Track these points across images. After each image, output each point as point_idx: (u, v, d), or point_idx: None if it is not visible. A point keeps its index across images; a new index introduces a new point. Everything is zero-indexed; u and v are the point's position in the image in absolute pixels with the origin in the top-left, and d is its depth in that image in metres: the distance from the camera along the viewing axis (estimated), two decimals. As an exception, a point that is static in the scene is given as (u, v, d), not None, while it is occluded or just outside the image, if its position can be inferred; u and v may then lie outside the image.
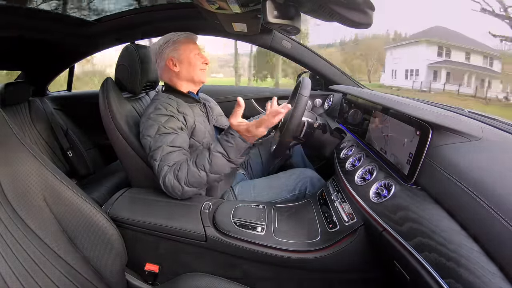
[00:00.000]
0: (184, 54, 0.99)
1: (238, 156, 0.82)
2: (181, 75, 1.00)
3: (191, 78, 1.01)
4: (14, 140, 0.66)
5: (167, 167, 0.83)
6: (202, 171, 0.81)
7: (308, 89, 0.95)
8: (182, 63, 0.99)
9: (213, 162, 0.81)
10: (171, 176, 0.82)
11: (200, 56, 1.02)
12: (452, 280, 0.41)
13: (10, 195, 0.61)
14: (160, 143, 0.87)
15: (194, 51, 1.00)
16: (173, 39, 1.00)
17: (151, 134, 0.89)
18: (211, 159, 0.81)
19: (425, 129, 0.61)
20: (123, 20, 1.36)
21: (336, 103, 1.38)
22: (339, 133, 1.16)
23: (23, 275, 0.57)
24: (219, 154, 0.81)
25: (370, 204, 0.67)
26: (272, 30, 1.38)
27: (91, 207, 0.70)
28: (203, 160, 0.81)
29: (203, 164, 0.81)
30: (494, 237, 0.40)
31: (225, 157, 0.81)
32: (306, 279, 0.76)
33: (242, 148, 0.82)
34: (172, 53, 0.99)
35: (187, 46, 1.00)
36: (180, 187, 0.82)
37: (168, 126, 0.89)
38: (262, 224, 0.81)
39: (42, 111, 1.67)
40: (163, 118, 0.90)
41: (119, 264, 0.74)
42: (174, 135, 0.89)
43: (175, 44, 0.99)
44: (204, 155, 0.82)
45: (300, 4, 0.69)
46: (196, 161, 0.82)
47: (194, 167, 0.81)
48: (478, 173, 0.49)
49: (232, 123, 0.83)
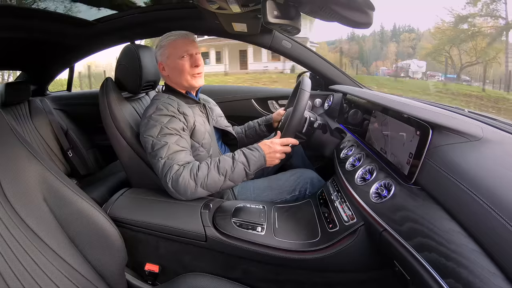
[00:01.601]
0: (170, 59, 0.96)
1: (254, 171, 0.88)
2: (171, 79, 1.00)
3: (180, 83, 0.99)
4: (14, 140, 0.66)
5: (177, 166, 0.84)
6: (222, 176, 0.84)
7: (308, 87, 0.95)
8: (169, 67, 0.97)
9: (235, 171, 0.85)
10: (187, 175, 0.82)
11: (189, 59, 0.95)
12: (452, 280, 0.41)
13: (10, 195, 0.61)
14: (164, 142, 0.86)
15: (180, 54, 0.94)
16: (161, 43, 0.97)
17: (153, 134, 0.88)
18: (235, 167, 0.85)
19: (425, 129, 0.61)
20: (123, 20, 1.36)
21: (336, 103, 1.38)
22: (339, 133, 1.16)
23: (23, 275, 0.56)
24: (242, 165, 0.85)
25: (370, 204, 0.67)
26: (272, 30, 1.38)
27: (91, 207, 0.70)
28: (226, 167, 0.84)
29: (226, 170, 0.84)
30: (494, 237, 0.40)
31: (246, 169, 0.86)
32: (306, 279, 0.76)
33: (260, 165, 0.88)
34: (160, 57, 0.97)
35: (174, 50, 0.95)
36: (194, 187, 0.83)
37: (170, 127, 0.89)
38: (262, 224, 0.81)
39: (42, 111, 1.67)
40: (165, 119, 0.90)
41: (119, 264, 0.74)
42: (178, 136, 0.89)
43: (161, 49, 0.96)
44: (227, 162, 0.85)
45: (300, 4, 0.69)
46: (219, 165, 0.85)
47: (215, 172, 0.84)
48: (478, 173, 0.49)
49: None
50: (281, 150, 0.90)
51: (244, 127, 1.32)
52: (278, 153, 0.89)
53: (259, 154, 0.87)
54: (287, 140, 0.92)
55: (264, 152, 0.88)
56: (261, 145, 0.90)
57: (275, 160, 0.89)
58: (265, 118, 1.29)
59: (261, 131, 1.28)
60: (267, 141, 0.91)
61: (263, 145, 0.89)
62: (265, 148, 0.89)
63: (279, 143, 0.90)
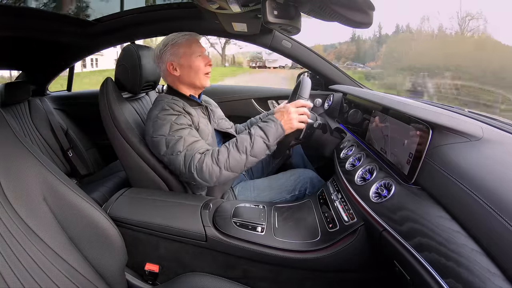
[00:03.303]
0: (184, 58, 0.95)
1: (275, 141, 0.88)
2: (182, 79, 0.98)
3: (193, 83, 0.98)
4: (14, 140, 0.66)
5: (199, 154, 0.84)
6: (243, 154, 0.85)
7: (308, 90, 0.95)
8: (182, 67, 0.96)
9: (254, 146, 0.85)
10: (209, 161, 0.83)
11: (202, 58, 0.97)
12: (452, 280, 0.41)
13: (10, 195, 0.61)
14: (178, 136, 0.86)
15: (195, 53, 0.96)
16: (172, 42, 0.96)
17: (164, 132, 0.88)
18: (253, 142, 0.85)
19: (425, 129, 0.61)
20: (123, 20, 1.36)
21: (336, 103, 1.38)
22: (339, 133, 1.16)
23: (23, 275, 0.56)
24: (260, 138, 0.86)
25: (370, 204, 0.67)
26: (272, 30, 1.38)
27: (91, 207, 0.70)
28: (245, 143, 0.85)
29: (245, 146, 0.85)
30: (494, 237, 0.40)
31: (265, 141, 0.86)
32: (306, 279, 0.76)
33: (279, 134, 0.88)
34: (172, 57, 0.96)
35: (188, 49, 0.95)
36: (218, 171, 0.83)
37: (180, 123, 0.89)
38: (262, 224, 0.81)
39: (42, 110, 1.67)
40: (173, 117, 0.90)
41: (119, 264, 0.74)
42: (189, 129, 0.89)
43: (174, 47, 0.95)
44: (245, 139, 0.86)
45: (300, 4, 0.69)
46: (238, 144, 0.85)
47: (235, 151, 0.85)
48: (478, 173, 0.49)
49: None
50: (296, 111, 0.89)
51: (246, 124, 1.32)
52: (293, 115, 0.88)
53: (275, 123, 0.87)
54: (299, 102, 0.91)
55: (279, 120, 0.88)
56: (274, 114, 0.90)
57: (293, 124, 0.89)
58: (268, 114, 1.29)
59: None
60: (280, 106, 0.90)
61: (276, 114, 0.90)
62: (278, 116, 0.89)
63: (292, 105, 0.90)
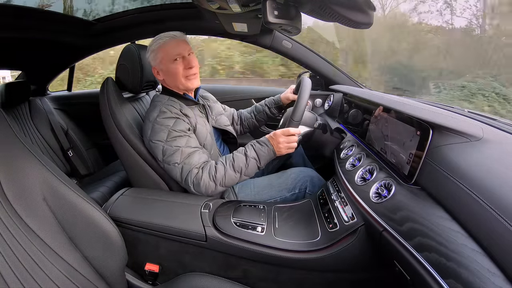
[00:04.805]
0: (163, 63, 0.94)
1: (264, 164, 0.94)
2: (167, 83, 0.99)
3: (176, 86, 0.98)
4: (15, 140, 0.66)
5: (197, 169, 0.89)
6: (238, 173, 0.91)
7: (307, 92, 0.95)
8: (163, 72, 0.96)
9: (249, 167, 0.91)
10: (206, 177, 0.88)
11: (181, 61, 0.93)
12: (452, 280, 0.41)
13: (10, 194, 0.61)
14: (176, 146, 0.88)
15: (171, 57, 0.92)
16: (151, 48, 0.95)
17: (162, 139, 0.89)
18: (248, 163, 0.91)
19: (426, 129, 0.61)
20: (123, 20, 1.36)
21: (336, 103, 1.38)
22: (339, 133, 1.16)
23: (23, 275, 0.56)
24: (254, 160, 0.92)
25: (370, 204, 0.67)
26: (272, 30, 1.38)
27: (91, 207, 0.70)
28: (241, 164, 0.91)
29: (241, 167, 0.91)
30: (494, 237, 0.40)
31: (257, 163, 0.92)
32: (306, 279, 0.76)
33: (270, 158, 0.94)
34: (153, 62, 0.97)
35: (164, 53, 0.93)
36: (214, 187, 0.90)
37: (178, 129, 0.90)
38: (262, 224, 0.81)
39: (42, 110, 1.67)
40: (171, 121, 0.90)
41: (119, 264, 0.74)
42: (186, 137, 0.91)
43: (153, 53, 0.95)
44: (241, 159, 0.91)
45: (300, 4, 0.69)
46: (234, 164, 0.91)
47: (231, 170, 0.90)
48: (478, 173, 0.49)
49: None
50: (284, 141, 0.93)
51: (252, 111, 1.33)
52: (282, 144, 0.92)
53: (268, 148, 0.93)
54: (287, 130, 0.93)
55: (272, 146, 0.93)
56: (269, 138, 0.95)
57: (282, 151, 0.93)
58: (274, 100, 1.30)
59: (272, 114, 1.30)
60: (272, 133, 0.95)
61: (270, 138, 0.95)
62: (272, 141, 0.94)
63: (283, 133, 0.93)
